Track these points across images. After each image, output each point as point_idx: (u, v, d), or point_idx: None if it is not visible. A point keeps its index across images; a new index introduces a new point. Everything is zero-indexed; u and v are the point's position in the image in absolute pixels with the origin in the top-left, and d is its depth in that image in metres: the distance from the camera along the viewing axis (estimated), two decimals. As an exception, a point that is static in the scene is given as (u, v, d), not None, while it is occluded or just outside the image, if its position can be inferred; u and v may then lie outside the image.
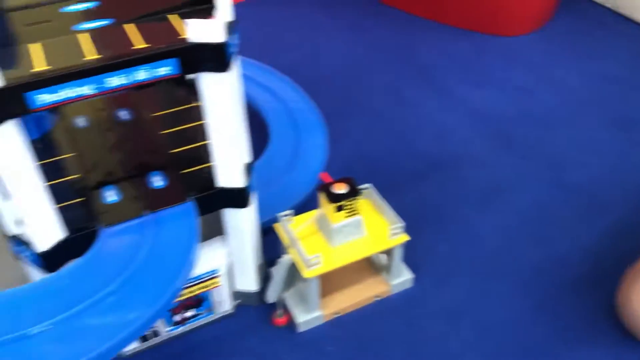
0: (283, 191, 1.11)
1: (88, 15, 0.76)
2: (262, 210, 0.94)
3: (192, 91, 1.01)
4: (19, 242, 0.76)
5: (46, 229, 0.73)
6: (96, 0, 0.79)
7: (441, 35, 1.68)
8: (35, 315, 0.65)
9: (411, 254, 0.99)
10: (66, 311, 0.65)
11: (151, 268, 0.70)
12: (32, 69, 0.64)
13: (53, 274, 0.73)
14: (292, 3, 1.84)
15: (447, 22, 1.72)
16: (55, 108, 0.77)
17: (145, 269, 0.70)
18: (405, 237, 0.93)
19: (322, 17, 1.79)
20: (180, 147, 0.90)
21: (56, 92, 0.63)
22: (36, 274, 0.82)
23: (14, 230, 0.75)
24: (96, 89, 0.65)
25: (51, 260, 0.75)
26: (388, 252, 0.95)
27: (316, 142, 1.20)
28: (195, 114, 0.98)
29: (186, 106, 1.00)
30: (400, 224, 0.91)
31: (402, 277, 0.98)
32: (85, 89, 0.65)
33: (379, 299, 0.98)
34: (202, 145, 0.90)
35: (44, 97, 0.63)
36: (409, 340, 0.92)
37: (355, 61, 1.59)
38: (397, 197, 1.03)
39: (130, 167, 0.88)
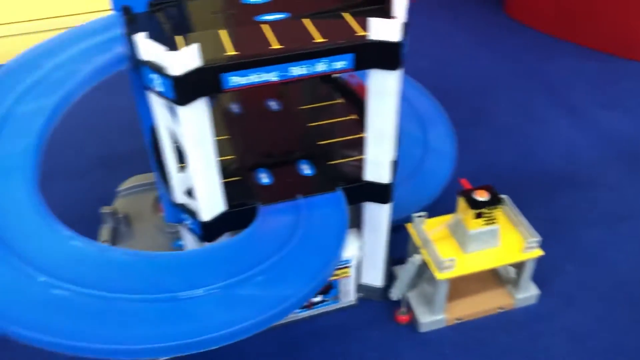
0: (409, 193, 1.13)
1: (267, 7, 0.81)
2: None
3: (336, 89, 1.06)
4: (184, 210, 0.82)
5: (211, 201, 0.79)
6: (272, -6, 0.85)
7: (572, 54, 1.64)
8: (202, 278, 0.70)
9: (537, 270, 0.99)
10: (228, 279, 0.70)
11: (307, 248, 0.74)
12: (225, 52, 0.70)
13: (218, 242, 0.79)
14: (418, 12, 1.86)
15: (577, 42, 1.68)
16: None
17: (302, 248, 0.74)
18: (539, 252, 0.92)
19: (449, 27, 1.80)
20: (327, 140, 0.95)
21: (246, 75, 0.69)
22: (190, 244, 0.89)
23: (180, 199, 0.82)
24: (280, 76, 0.70)
25: (210, 230, 0.81)
26: (518, 266, 0.95)
27: (444, 148, 1.21)
28: (340, 110, 1.03)
29: (330, 102, 1.04)
30: (536, 238, 0.91)
31: (528, 292, 0.98)
32: (271, 76, 0.70)
33: (502, 310, 0.98)
34: (349, 139, 0.94)
35: (236, 79, 0.69)
36: (531, 356, 0.92)
37: (482, 73, 1.59)
38: (523, 212, 1.03)
39: (280, 153, 0.93)
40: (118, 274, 0.69)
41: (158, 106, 0.72)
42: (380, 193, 0.87)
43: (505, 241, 0.93)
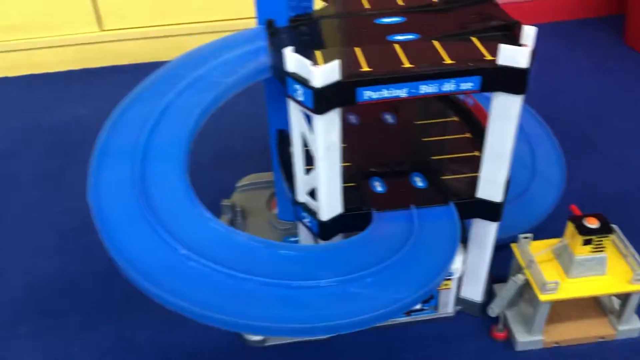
0: (514, 215, 1.14)
1: (398, 28, 0.87)
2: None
3: (451, 107, 1.10)
4: (304, 209, 0.89)
5: (331, 203, 0.85)
6: (403, 16, 0.91)
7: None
8: (318, 272, 0.77)
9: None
10: (342, 276, 0.76)
11: (418, 256, 0.79)
12: (361, 69, 0.76)
13: (333, 242, 0.86)
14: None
15: (703, 76, 1.61)
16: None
17: (413, 256, 0.79)
18: (646, 285, 0.92)
19: (564, 55, 1.78)
20: (440, 155, 0.99)
21: (379, 91, 0.75)
22: (305, 240, 0.96)
23: (302, 198, 0.89)
24: (409, 93, 0.76)
25: (326, 229, 0.88)
26: (623, 297, 0.95)
27: (553, 174, 1.22)
28: (453, 127, 1.07)
29: (444, 120, 1.08)
30: (645, 271, 0.91)
31: (632, 325, 0.97)
32: (401, 92, 0.76)
33: (602, 340, 0.97)
34: (462, 156, 0.98)
35: (369, 94, 0.75)
36: (630, 390, 0.91)
37: (595, 102, 1.57)
38: (632, 242, 1.02)
39: (394, 164, 0.98)
40: (246, 256, 0.77)
41: (295, 113, 0.80)
42: (491, 211, 0.90)
43: (612, 271, 0.93)
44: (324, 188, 0.83)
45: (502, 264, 1.03)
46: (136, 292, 1.10)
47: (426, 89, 0.76)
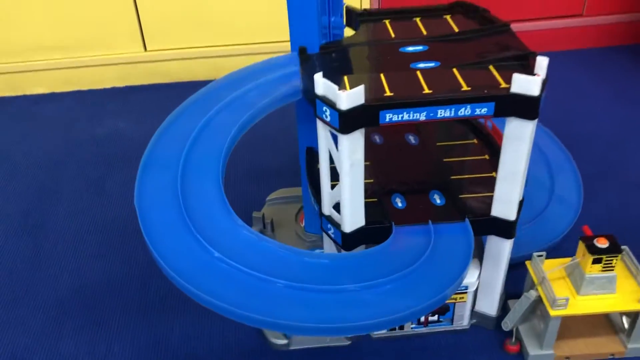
0: (531, 235, 1.20)
1: (421, 56, 0.94)
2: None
3: (471, 130, 1.17)
4: (329, 221, 0.96)
5: (354, 216, 0.92)
6: (426, 45, 0.98)
7: None
8: (341, 278, 0.83)
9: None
10: (362, 282, 0.82)
11: (433, 267, 0.85)
12: (385, 93, 0.84)
13: (355, 252, 0.93)
14: (558, 66, 1.91)
15: None
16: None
17: (428, 267, 0.85)
18: (655, 305, 0.95)
19: (588, 81, 1.82)
20: (459, 175, 1.05)
21: (400, 114, 0.82)
22: (329, 250, 1.03)
23: (328, 211, 0.96)
24: (427, 116, 0.83)
25: (349, 241, 0.94)
26: (632, 315, 0.99)
27: (571, 197, 1.27)
28: (473, 149, 1.13)
29: (465, 142, 1.15)
30: (653, 291, 0.95)
31: (641, 344, 1.00)
32: (420, 115, 0.82)
33: (612, 357, 1.01)
34: (480, 177, 1.03)
35: (390, 116, 0.82)
36: (638, 406, 0.94)
37: (617, 128, 1.61)
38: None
39: (414, 182, 1.05)
40: (274, 261, 0.84)
41: (323, 133, 0.87)
42: (505, 228, 0.95)
43: (622, 290, 0.97)
44: (348, 202, 0.90)
45: (519, 281, 1.08)
46: (170, 295, 1.19)
47: (443, 113, 0.83)
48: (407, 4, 1.18)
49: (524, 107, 0.82)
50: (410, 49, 0.97)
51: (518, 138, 0.85)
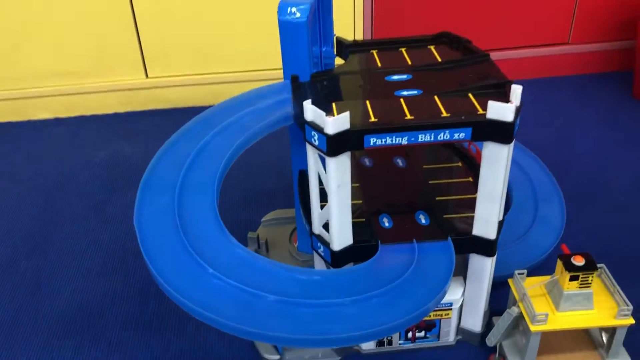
0: (514, 255, 1.24)
1: (405, 84, 1.00)
2: (496, 265, 1.08)
3: (456, 153, 1.22)
4: (319, 240, 1.01)
5: (342, 235, 0.97)
6: (410, 74, 1.04)
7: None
8: (328, 293, 0.88)
9: (630, 340, 1.05)
10: (348, 297, 0.87)
11: (416, 283, 0.90)
12: (370, 119, 0.89)
13: (343, 268, 0.97)
14: (547, 89, 1.98)
15: None
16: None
17: (411, 283, 0.90)
18: (630, 321, 1.00)
19: (575, 106, 1.89)
20: (444, 197, 1.10)
21: (383, 138, 0.87)
22: (320, 267, 1.07)
23: (318, 231, 1.01)
24: (409, 140, 0.88)
25: (338, 258, 0.99)
26: (610, 331, 1.03)
27: (554, 220, 1.32)
28: (457, 172, 1.18)
29: (450, 165, 1.20)
30: (628, 307, 0.99)
31: (621, 359, 1.04)
32: (402, 140, 0.88)
33: (592, 372, 1.05)
34: (463, 198, 1.09)
35: (374, 140, 0.87)
36: (617, 418, 0.98)
37: (603, 153, 1.66)
38: (624, 286, 1.09)
39: (401, 203, 1.10)
40: (265, 277, 0.88)
41: (312, 156, 0.93)
42: (485, 247, 1.00)
43: (600, 306, 1.01)
44: (336, 221, 0.95)
45: (503, 299, 1.12)
46: (167, 313, 1.23)
47: (424, 137, 0.88)
48: (399, 34, 1.25)
49: (500, 132, 0.87)
50: (396, 77, 1.03)
51: (495, 161, 0.90)
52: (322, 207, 0.98)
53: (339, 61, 1.16)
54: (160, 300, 1.24)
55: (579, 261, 0.99)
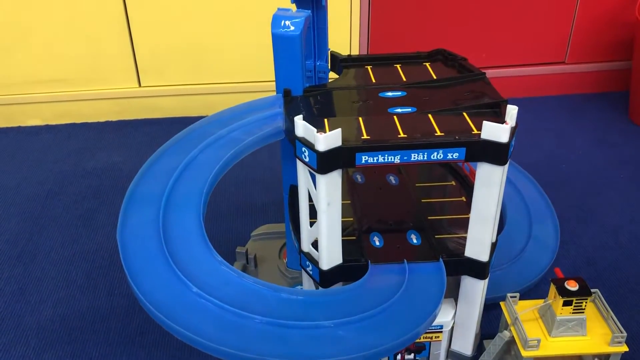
0: (508, 277, 1.22)
1: (399, 101, 0.98)
2: (489, 287, 1.06)
3: (450, 172, 1.20)
4: (307, 258, 0.99)
5: (331, 254, 0.95)
6: (404, 90, 1.03)
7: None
8: (314, 314, 0.85)
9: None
10: (335, 319, 0.85)
11: (406, 305, 0.87)
12: (362, 137, 0.87)
13: (331, 289, 0.95)
14: (541, 110, 1.96)
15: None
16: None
17: (401, 305, 0.87)
18: (624, 348, 0.97)
19: (570, 127, 1.88)
20: (436, 216, 1.08)
21: (375, 156, 0.85)
22: (308, 287, 1.05)
23: (306, 248, 0.99)
24: (401, 159, 0.86)
25: (326, 278, 0.96)
26: (603, 358, 1.00)
27: (548, 241, 1.30)
28: (451, 191, 1.16)
29: (443, 183, 1.18)
30: (622, 334, 0.97)
31: (613, 387, 1.02)
32: (394, 158, 0.86)
33: (584, 399, 1.03)
34: (456, 218, 1.07)
35: (366, 158, 0.85)
36: None
37: (597, 173, 1.65)
38: (618, 311, 1.08)
39: (393, 222, 1.08)
40: (250, 298, 0.86)
41: (302, 172, 0.90)
42: (478, 269, 0.98)
43: (593, 332, 0.99)
44: (325, 240, 0.92)
45: (495, 321, 1.10)
46: (150, 329, 1.20)
47: (417, 156, 0.86)
48: (395, 50, 1.24)
49: (494, 152, 0.86)
50: (390, 94, 1.01)
51: (489, 182, 0.89)
52: (311, 224, 0.96)
53: (333, 75, 1.14)
54: (143, 316, 1.21)
55: (572, 286, 0.97)
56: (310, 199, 0.93)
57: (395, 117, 0.93)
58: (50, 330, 1.21)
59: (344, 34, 1.88)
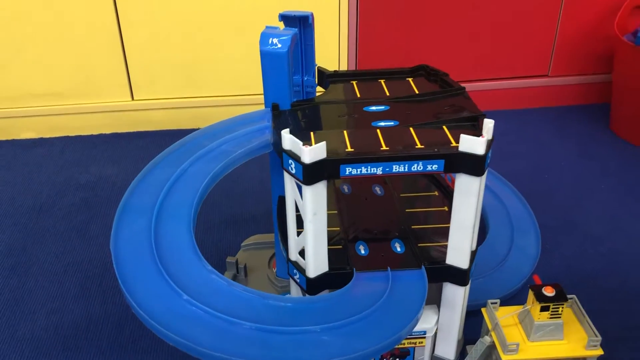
0: (490, 285, 1.26)
1: (383, 115, 1.03)
2: (470, 294, 1.10)
3: (433, 183, 1.24)
4: (295, 267, 1.02)
5: (317, 262, 0.98)
6: (387, 105, 1.07)
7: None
8: (301, 320, 0.89)
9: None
10: (321, 324, 0.88)
11: (389, 311, 0.91)
12: (347, 149, 0.91)
13: (317, 296, 0.98)
14: (524, 121, 2.02)
15: (681, 164, 1.74)
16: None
17: (383, 312, 0.91)
18: (599, 352, 1.01)
19: (552, 138, 1.93)
20: (419, 225, 1.12)
21: (359, 168, 0.89)
22: (295, 294, 1.08)
23: (294, 257, 1.03)
24: (384, 171, 0.90)
25: (313, 285, 1.00)
26: (581, 361, 1.04)
27: (529, 250, 1.34)
28: (434, 201, 1.20)
29: (427, 193, 1.22)
30: (597, 338, 1.00)
31: (590, 389, 1.06)
32: (377, 170, 0.90)
33: (563, 401, 1.06)
34: (438, 227, 1.11)
35: (350, 170, 0.89)
36: None
37: (579, 184, 1.70)
38: (596, 318, 1.11)
39: (377, 231, 1.11)
40: (240, 304, 0.89)
41: (289, 183, 0.94)
42: (458, 276, 1.02)
43: (570, 337, 1.03)
44: (311, 248, 0.96)
45: (478, 326, 1.14)
46: (143, 337, 1.23)
47: (398, 168, 0.90)
48: (383, 65, 1.28)
49: (471, 164, 0.90)
50: (373, 108, 1.06)
51: (467, 192, 0.93)
52: (298, 233, 1.00)
53: (321, 90, 1.19)
54: (136, 324, 1.24)
55: (549, 292, 1.01)
56: (297, 209, 0.97)
57: (378, 130, 0.97)
58: (44, 339, 1.23)
59: (333, 50, 1.93)
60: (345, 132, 0.97)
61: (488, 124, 0.92)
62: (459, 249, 0.99)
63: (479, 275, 1.27)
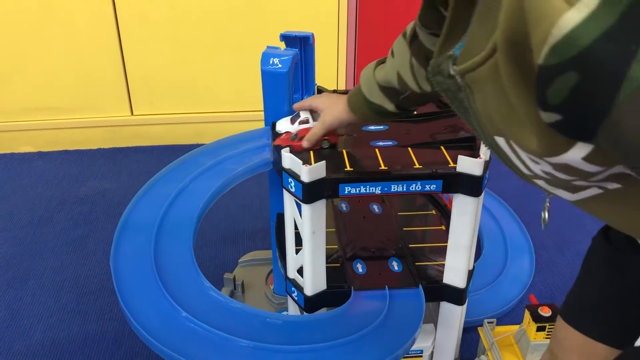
0: (485, 302, 1.27)
1: (381, 135, 1.04)
2: (469, 310, 1.11)
3: (430, 201, 1.25)
4: (293, 284, 1.03)
5: (315, 280, 0.99)
6: (385, 125, 1.08)
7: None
8: (299, 338, 0.89)
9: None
10: (318, 343, 0.88)
11: (385, 331, 0.91)
12: (346, 168, 0.93)
13: (317, 313, 0.99)
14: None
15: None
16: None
17: (381, 331, 0.91)
18: (596, 372, 1.02)
19: (548, 156, 1.94)
20: (417, 244, 1.13)
21: (357, 187, 0.90)
22: (293, 312, 1.09)
23: (292, 275, 1.03)
24: (382, 190, 0.91)
25: (311, 303, 1.00)
26: (576, 382, 1.05)
27: (523, 266, 1.35)
28: (431, 220, 1.21)
29: (424, 212, 1.23)
30: (594, 358, 1.01)
31: (586, 410, 1.06)
32: (375, 189, 0.91)
33: (559, 422, 1.06)
34: (436, 246, 1.11)
35: (349, 189, 0.90)
36: None
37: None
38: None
39: (375, 250, 1.12)
40: (237, 322, 0.89)
41: (289, 201, 0.95)
42: (455, 295, 1.02)
43: (566, 357, 1.03)
44: (309, 266, 0.97)
45: (475, 344, 1.14)
46: (139, 354, 1.23)
47: (396, 187, 0.91)
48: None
49: (469, 185, 0.91)
50: (372, 128, 1.07)
51: (464, 212, 0.94)
52: (297, 251, 1.00)
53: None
54: (133, 341, 1.24)
55: (545, 312, 1.02)
56: (296, 227, 0.98)
57: (377, 150, 0.98)
58: (40, 354, 1.23)
59: (332, 69, 1.95)
60: (344, 151, 0.98)
61: (485, 145, 0.93)
62: (456, 268, 1.00)
63: (476, 291, 1.27)
